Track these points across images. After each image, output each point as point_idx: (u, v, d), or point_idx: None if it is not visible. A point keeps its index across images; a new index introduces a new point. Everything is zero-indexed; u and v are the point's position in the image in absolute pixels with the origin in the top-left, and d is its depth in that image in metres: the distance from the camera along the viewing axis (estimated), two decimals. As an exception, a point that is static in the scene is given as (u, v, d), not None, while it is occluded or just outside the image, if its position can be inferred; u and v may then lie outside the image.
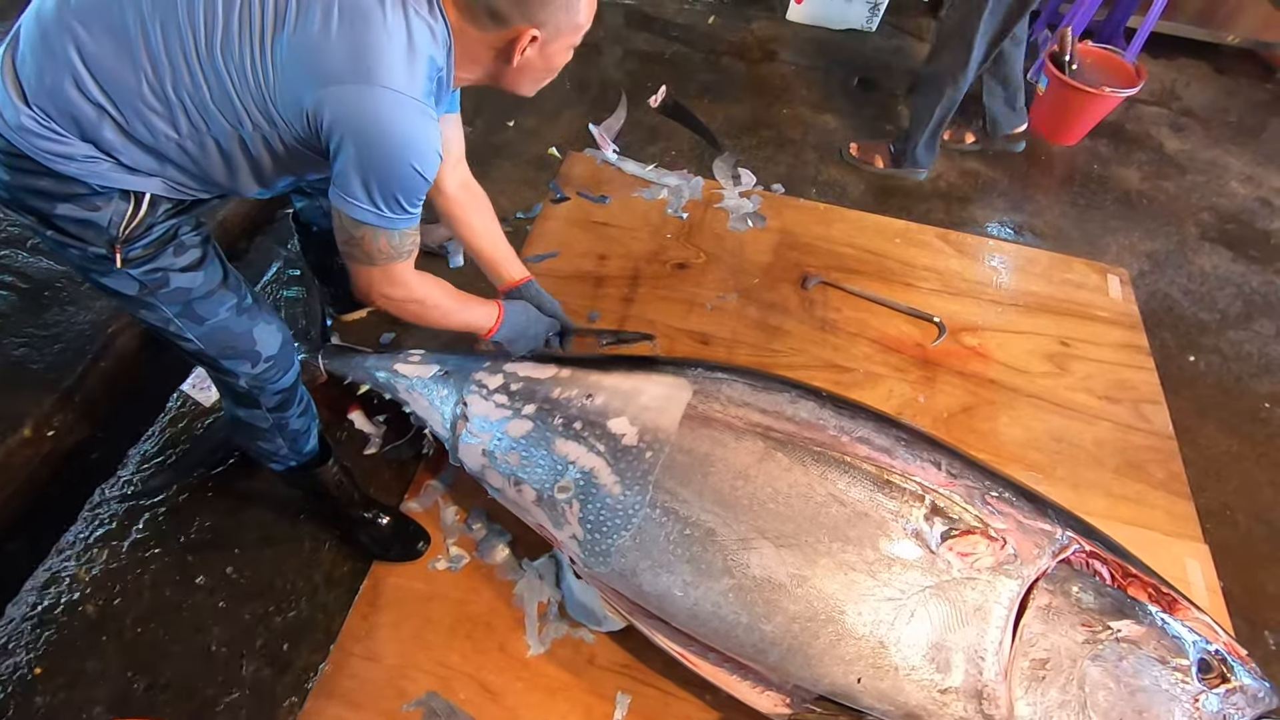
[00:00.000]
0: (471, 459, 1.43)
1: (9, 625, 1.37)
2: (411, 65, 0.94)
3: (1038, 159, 2.66)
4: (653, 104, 2.61)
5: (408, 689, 1.33)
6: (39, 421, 1.62)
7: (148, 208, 0.98)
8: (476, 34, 1.00)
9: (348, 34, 0.89)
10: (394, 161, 0.95)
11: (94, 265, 1.01)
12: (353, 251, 1.05)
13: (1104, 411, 1.88)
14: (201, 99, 0.91)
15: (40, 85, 0.88)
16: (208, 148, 0.96)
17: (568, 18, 1.01)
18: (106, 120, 0.90)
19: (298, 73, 0.91)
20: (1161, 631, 1.15)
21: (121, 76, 0.89)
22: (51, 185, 0.93)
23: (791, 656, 1.15)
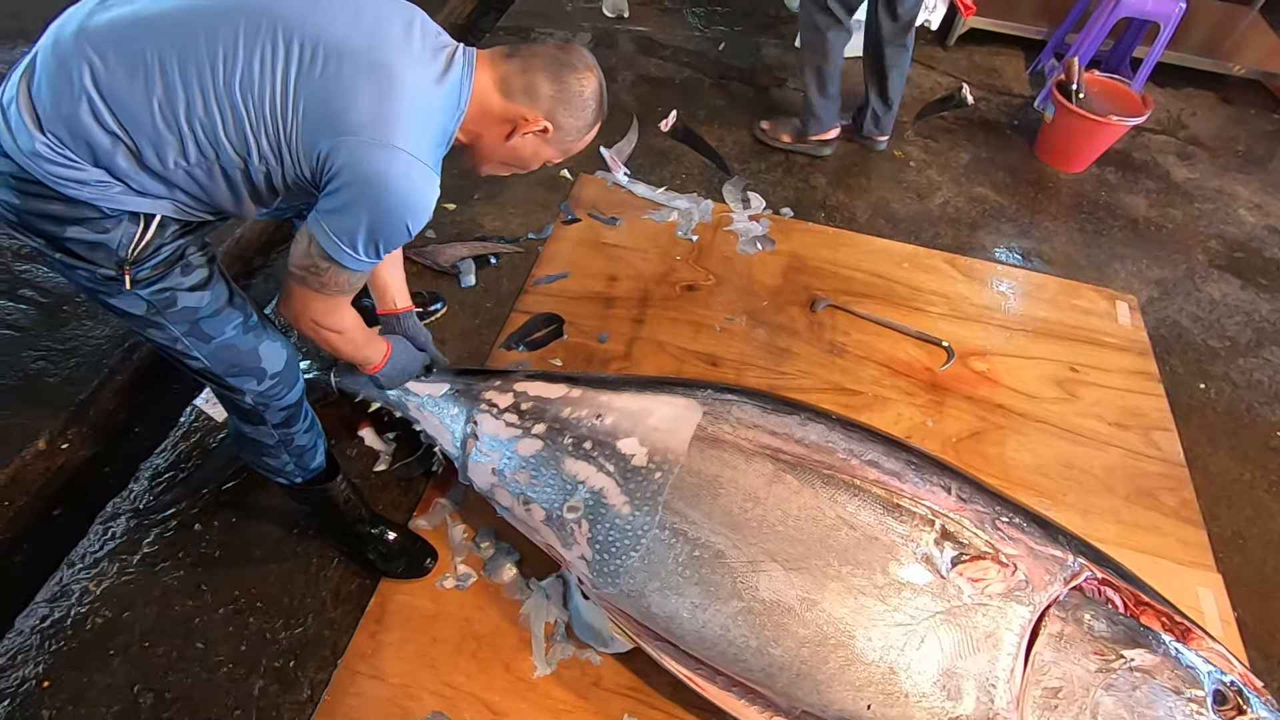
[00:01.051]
0: (481, 477, 1.44)
1: (18, 638, 1.37)
2: (426, 129, 1.00)
3: (1045, 185, 2.68)
4: (663, 128, 2.64)
5: (412, 709, 1.32)
6: (54, 434, 1.64)
7: (156, 229, 0.99)
8: (500, 102, 1.08)
9: (373, 92, 0.94)
10: (391, 217, 0.99)
11: (102, 286, 1.01)
12: (306, 277, 1.05)
13: (1114, 438, 1.88)
14: (214, 131, 0.93)
15: (56, 112, 0.89)
16: (215, 176, 0.98)
17: (574, 138, 1.14)
18: (120, 148, 0.91)
19: (319, 118, 0.94)
20: (1175, 661, 1.13)
21: (135, 105, 0.90)
22: (62, 209, 0.93)
23: (800, 681, 1.15)
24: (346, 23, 0.96)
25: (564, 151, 1.17)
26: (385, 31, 0.98)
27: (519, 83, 1.07)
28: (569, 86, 1.09)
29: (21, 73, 0.92)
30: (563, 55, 1.09)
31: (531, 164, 1.19)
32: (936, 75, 3.19)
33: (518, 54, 1.09)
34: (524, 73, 1.07)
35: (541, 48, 1.10)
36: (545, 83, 1.07)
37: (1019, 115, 3.00)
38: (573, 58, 1.10)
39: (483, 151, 1.15)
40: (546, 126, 1.10)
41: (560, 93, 1.08)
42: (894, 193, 2.57)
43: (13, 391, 1.67)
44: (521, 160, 1.17)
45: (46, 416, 1.65)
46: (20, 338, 1.77)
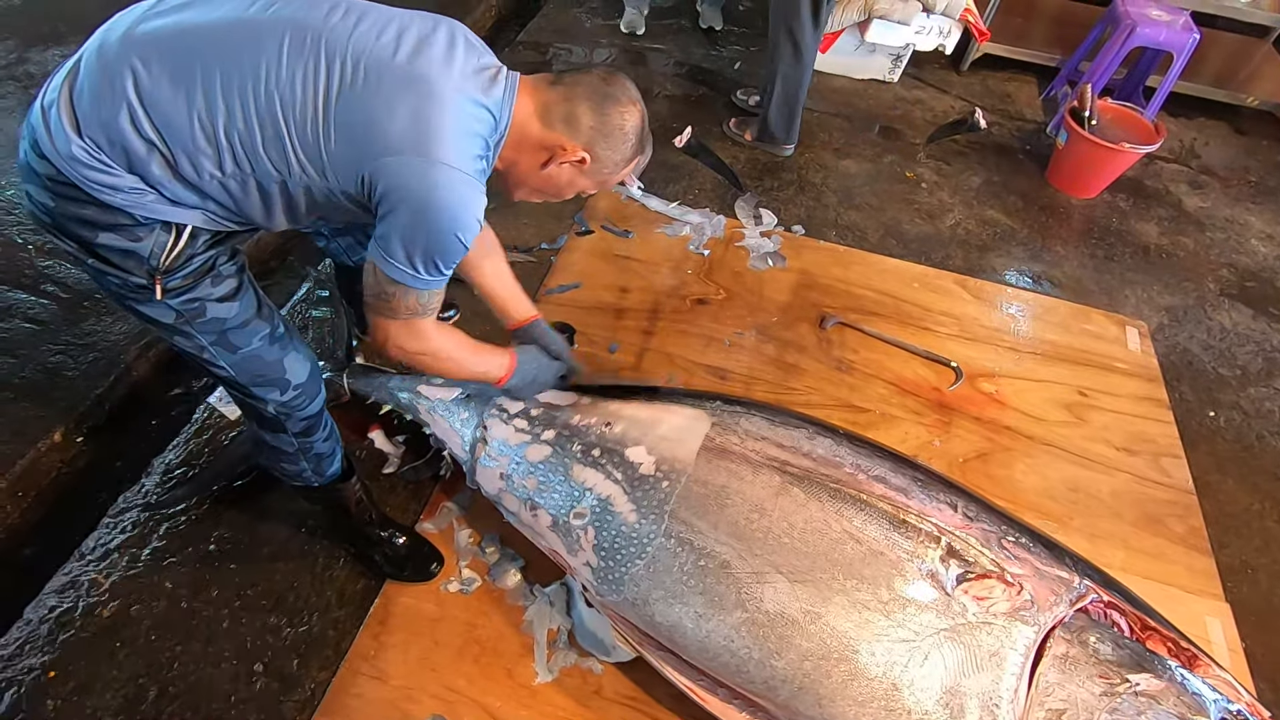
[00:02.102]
0: (489, 482, 1.45)
1: (26, 627, 1.38)
2: (468, 144, 1.00)
3: (1056, 210, 2.69)
4: (678, 144, 2.68)
5: (413, 711, 1.32)
6: (69, 427, 1.66)
7: (188, 239, 0.99)
8: (539, 129, 1.07)
9: (413, 107, 0.94)
10: (441, 232, 0.99)
11: (133, 294, 1.02)
12: (379, 306, 1.06)
13: (1122, 463, 1.87)
14: (253, 144, 0.93)
15: (95, 117, 0.90)
16: (249, 188, 0.98)
17: (611, 170, 1.14)
18: (156, 156, 0.92)
19: (358, 137, 0.94)
20: (1181, 688, 1.13)
21: (175, 115, 0.90)
22: (96, 214, 0.94)
23: (802, 695, 1.14)
24: (389, 41, 0.96)
25: (600, 183, 1.16)
26: (427, 50, 0.97)
27: (560, 111, 1.06)
28: (610, 119, 1.08)
29: (65, 75, 0.93)
30: (607, 87, 1.08)
31: (566, 193, 1.18)
32: (950, 99, 3.22)
33: (561, 82, 1.08)
34: (566, 101, 1.06)
35: (586, 77, 1.09)
36: (587, 113, 1.07)
37: (1031, 140, 3.02)
38: (616, 90, 1.09)
39: (517, 177, 1.14)
40: (584, 157, 1.09)
41: (601, 124, 1.08)
42: (905, 213, 2.59)
43: (31, 384, 1.70)
44: (556, 189, 1.16)
45: (63, 409, 1.67)
46: (41, 332, 1.80)
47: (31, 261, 1.94)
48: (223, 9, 0.95)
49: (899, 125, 3.02)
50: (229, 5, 0.95)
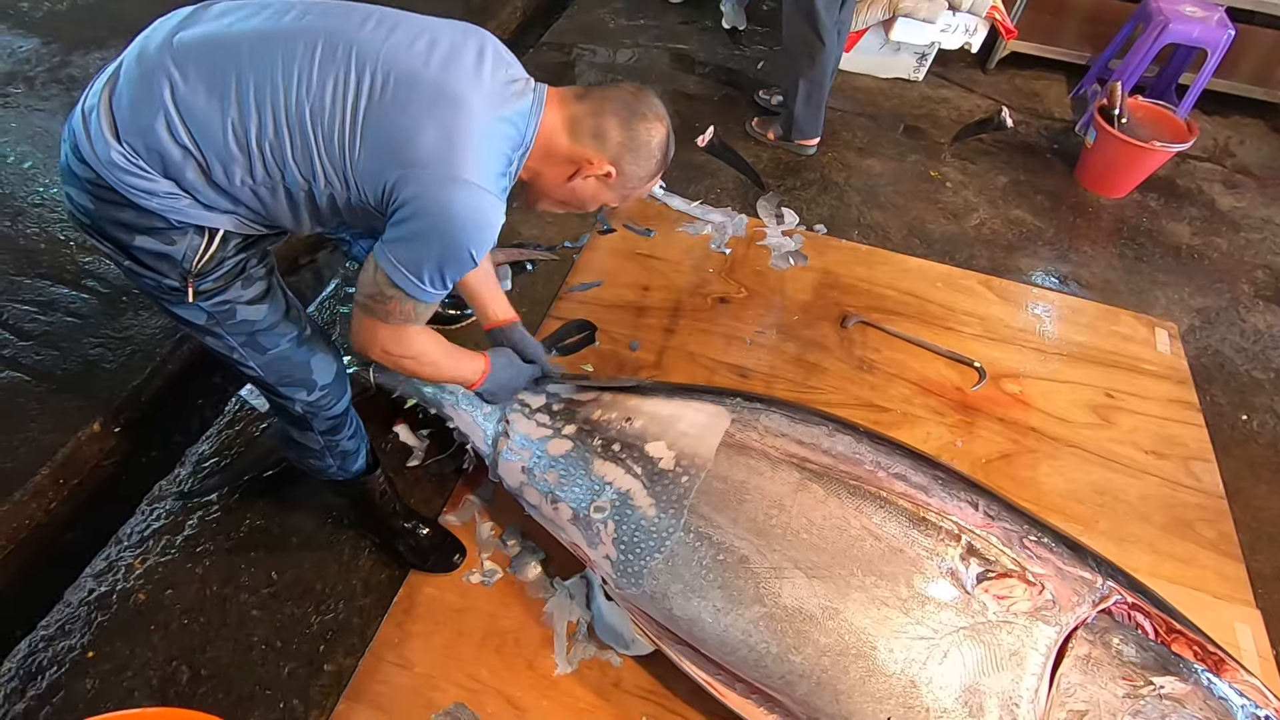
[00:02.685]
0: (511, 475, 1.47)
1: (67, 609, 1.44)
2: (492, 160, 1.00)
3: (1085, 210, 2.65)
4: (700, 143, 2.68)
5: (436, 699, 1.35)
6: (108, 417, 1.72)
7: (219, 243, 1.01)
8: (566, 143, 1.08)
9: (441, 123, 0.94)
10: (456, 247, 0.99)
11: (166, 295, 1.05)
12: (373, 307, 1.05)
13: (1150, 466, 1.84)
14: (282, 153, 0.95)
15: (133, 123, 0.92)
16: (279, 195, 0.99)
17: (635, 185, 1.15)
18: (191, 162, 0.93)
19: (385, 149, 0.95)
20: (1208, 692, 1.11)
21: (209, 122, 0.92)
22: (133, 218, 0.96)
23: (820, 690, 1.15)
24: (420, 52, 0.97)
25: (623, 198, 1.17)
26: (456, 62, 0.98)
27: (589, 125, 1.07)
28: (638, 135, 1.09)
29: (105, 81, 0.95)
30: (635, 103, 1.09)
31: (589, 206, 1.18)
32: (976, 98, 3.18)
33: (590, 96, 1.09)
34: (594, 116, 1.07)
35: (615, 92, 1.10)
36: (615, 128, 1.07)
37: (1060, 139, 2.98)
38: (644, 106, 1.10)
39: (542, 189, 1.15)
40: (610, 171, 1.10)
41: (629, 140, 1.08)
42: (929, 213, 2.57)
43: (72, 376, 1.76)
44: (580, 201, 1.17)
45: (102, 401, 1.73)
46: (81, 325, 1.86)
47: (73, 258, 2.01)
48: (258, 18, 0.97)
49: (924, 124, 2.99)
50: (265, 14, 0.97)
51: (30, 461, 1.60)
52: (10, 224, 2.08)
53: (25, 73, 2.63)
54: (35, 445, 1.63)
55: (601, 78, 3.02)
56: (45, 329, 1.84)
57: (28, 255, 2.01)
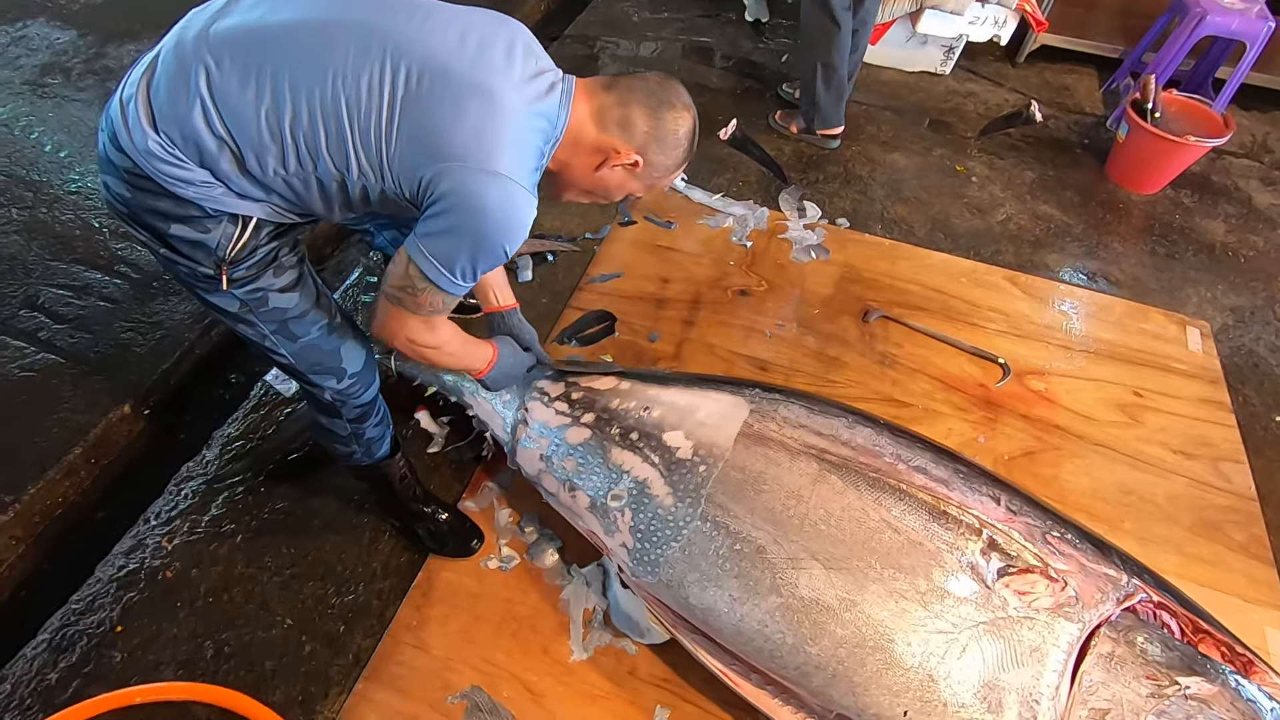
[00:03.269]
0: (529, 463, 1.48)
1: (97, 584, 1.48)
2: (525, 153, 1.01)
3: (1115, 206, 2.60)
4: (722, 136, 2.66)
5: (453, 681, 1.36)
6: (138, 400, 1.76)
7: (253, 231, 1.03)
8: (594, 133, 1.08)
9: (476, 117, 0.95)
10: (489, 241, 1.00)
11: (201, 283, 1.06)
12: (403, 299, 1.05)
13: (1179, 466, 1.80)
14: (316, 143, 0.95)
15: (170, 113, 0.93)
16: (311, 185, 1.00)
17: (661, 175, 1.15)
18: (225, 151, 0.94)
19: (421, 143, 0.95)
20: (1235, 693, 1.09)
21: (244, 113, 0.93)
22: (169, 206, 0.97)
23: (836, 682, 1.14)
24: (453, 45, 0.97)
25: (649, 187, 1.17)
26: (488, 54, 0.98)
27: (615, 115, 1.07)
28: (665, 124, 1.09)
29: (143, 72, 0.96)
30: (662, 92, 1.09)
31: (615, 195, 1.19)
32: (1004, 92, 3.13)
33: (616, 86, 1.09)
34: (621, 105, 1.07)
35: (641, 82, 1.10)
36: (642, 118, 1.08)
37: (1090, 134, 2.92)
38: (671, 95, 1.10)
39: (569, 179, 1.15)
40: (637, 161, 1.10)
41: (655, 129, 1.08)
42: (954, 207, 2.53)
43: (104, 359, 1.80)
44: (606, 191, 1.17)
45: (132, 383, 1.77)
46: (113, 309, 1.90)
47: (106, 244, 2.06)
48: (293, 8, 0.97)
49: (950, 118, 2.95)
50: (299, 5, 0.98)
51: (64, 441, 1.65)
52: (47, 211, 2.13)
53: (62, 64, 2.69)
54: (69, 425, 1.67)
55: (624, 70, 3.02)
56: (79, 313, 1.89)
57: (63, 241, 2.06)
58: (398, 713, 1.33)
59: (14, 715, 1.30)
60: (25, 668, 1.36)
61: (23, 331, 1.84)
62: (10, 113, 2.45)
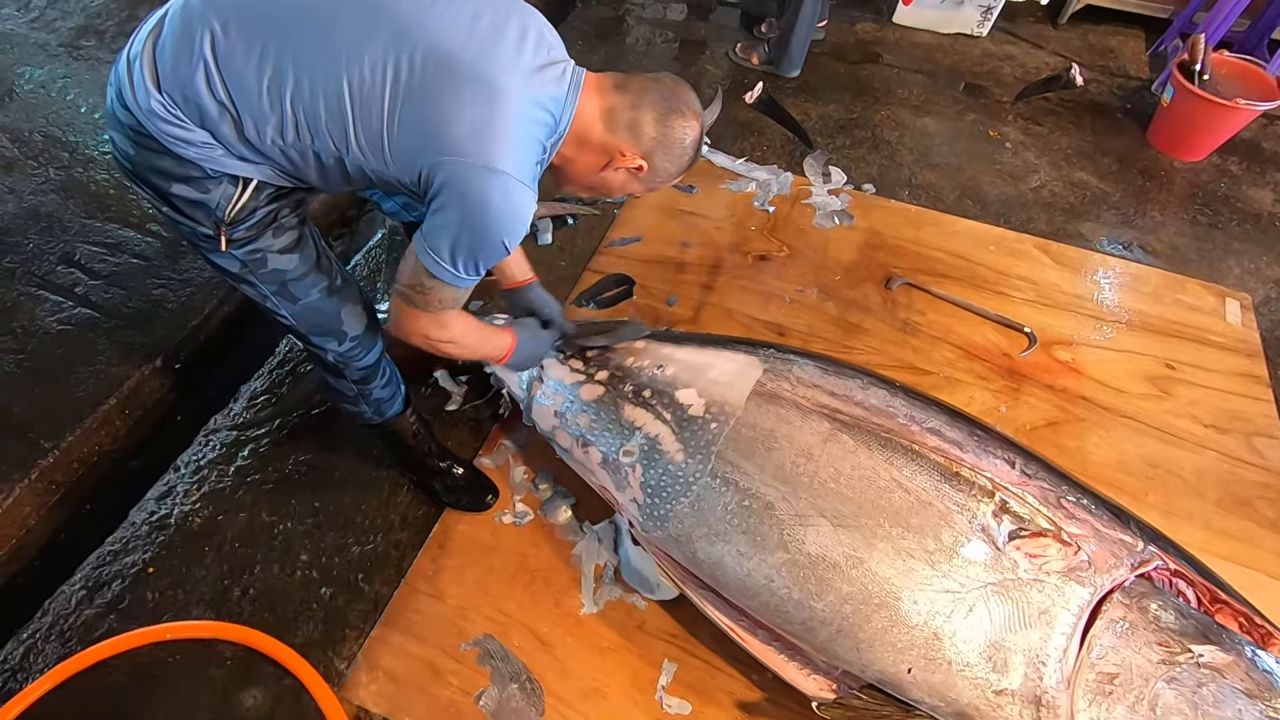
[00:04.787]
0: (544, 419, 1.49)
1: (130, 528, 1.54)
2: (526, 149, 1.00)
3: (1156, 174, 2.50)
4: (748, 99, 2.62)
5: (466, 629, 1.40)
6: (169, 355, 1.81)
7: (252, 193, 1.03)
8: (601, 132, 1.08)
9: (477, 110, 0.94)
10: (489, 236, 1.00)
11: (202, 243, 1.08)
12: (413, 296, 1.07)
13: (1210, 440, 1.75)
14: (315, 117, 0.95)
15: (174, 74, 0.93)
16: (308, 158, 1.00)
17: (663, 180, 1.15)
18: (226, 116, 0.95)
19: (421, 132, 0.95)
20: (1251, 664, 1.07)
21: (246, 80, 0.93)
22: (171, 165, 0.98)
23: (841, 638, 1.15)
24: (463, 29, 0.95)
25: (649, 189, 1.18)
26: (497, 42, 0.97)
27: (625, 117, 1.07)
28: (673, 132, 1.08)
29: (149, 30, 0.96)
30: (673, 98, 1.09)
31: (616, 194, 1.19)
32: (1044, 55, 3.01)
33: (629, 88, 1.08)
34: (632, 108, 1.07)
35: (654, 85, 1.09)
36: (651, 123, 1.07)
37: (1133, 99, 2.80)
38: (681, 102, 1.09)
39: (572, 174, 1.14)
40: (642, 165, 1.10)
41: (663, 136, 1.08)
42: (986, 174, 2.46)
43: (137, 314, 1.85)
44: (608, 189, 1.17)
45: (164, 338, 1.82)
46: (146, 267, 1.95)
47: (139, 204, 2.11)
48: None
49: (985, 82, 2.85)
50: None
51: (99, 392, 1.71)
52: (82, 170, 2.19)
53: (96, 26, 2.73)
54: (104, 377, 1.73)
55: (650, 35, 2.97)
56: (114, 269, 1.94)
57: (98, 200, 2.11)
58: (413, 657, 1.37)
59: (54, 646, 1.37)
60: (64, 604, 1.43)
61: (60, 287, 1.90)
62: (47, 75, 2.50)
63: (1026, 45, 3.05)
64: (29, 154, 2.23)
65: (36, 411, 1.65)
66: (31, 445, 1.60)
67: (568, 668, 1.36)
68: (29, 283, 1.90)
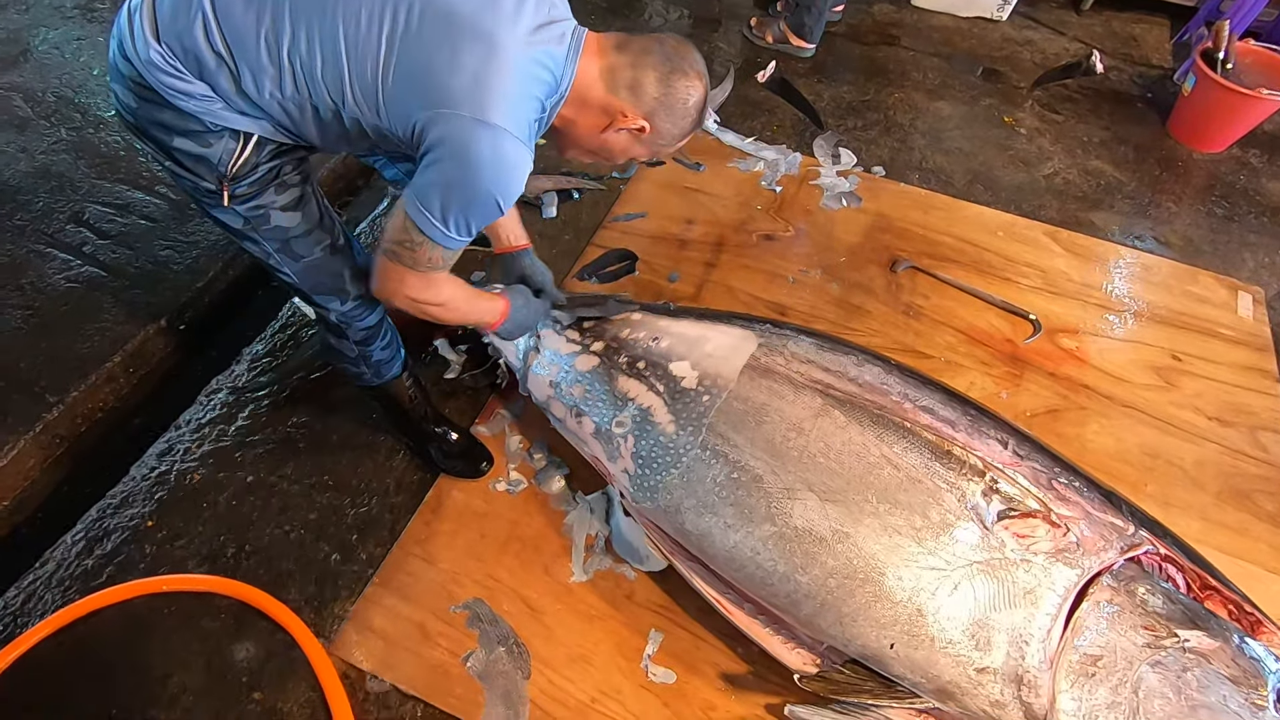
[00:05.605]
0: (539, 389, 1.50)
1: (131, 483, 1.56)
2: (524, 106, 0.98)
3: (1174, 164, 2.46)
4: (760, 79, 2.59)
5: (456, 593, 1.42)
6: (174, 315, 1.83)
7: (253, 148, 1.02)
8: (601, 93, 1.05)
9: (474, 64, 0.92)
10: (480, 193, 0.98)
11: (205, 198, 1.07)
12: (399, 253, 1.04)
13: (1212, 433, 1.73)
14: (312, 70, 0.95)
15: (172, 25, 0.93)
16: (306, 112, 1.00)
17: (667, 143, 1.12)
18: (224, 69, 0.94)
19: (416, 84, 0.94)
20: (1238, 650, 1.06)
21: (244, 31, 0.93)
22: (171, 119, 0.98)
23: (824, 612, 1.15)
24: None
25: (653, 153, 1.15)
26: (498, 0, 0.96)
27: (626, 77, 1.04)
28: (675, 92, 1.06)
29: None
30: (676, 58, 1.06)
31: (618, 159, 1.16)
32: (1065, 41, 2.95)
33: (630, 47, 1.06)
34: (633, 68, 1.04)
35: (656, 45, 1.06)
36: (653, 83, 1.04)
37: (1155, 89, 2.75)
38: (685, 63, 1.06)
39: (573, 138, 1.12)
40: (644, 126, 1.07)
41: (665, 96, 1.05)
42: (998, 159, 2.43)
43: (143, 274, 1.87)
44: (610, 154, 1.15)
45: (169, 299, 1.84)
46: (153, 228, 1.97)
47: (148, 166, 2.12)
48: None
49: (1003, 67, 2.81)
50: None
51: (104, 350, 1.73)
52: (94, 132, 2.20)
53: (111, -10, 2.74)
54: (109, 335, 1.75)
55: (664, 9, 2.93)
56: (121, 229, 1.96)
57: (108, 161, 2.13)
58: (403, 618, 1.39)
59: (55, 594, 1.40)
60: (65, 553, 1.46)
61: (69, 245, 1.92)
62: (61, 36, 2.51)
63: (1047, 31, 2.99)
64: (42, 114, 2.25)
65: (42, 367, 1.68)
66: (37, 399, 1.62)
67: (555, 634, 1.38)
68: (38, 240, 1.92)
